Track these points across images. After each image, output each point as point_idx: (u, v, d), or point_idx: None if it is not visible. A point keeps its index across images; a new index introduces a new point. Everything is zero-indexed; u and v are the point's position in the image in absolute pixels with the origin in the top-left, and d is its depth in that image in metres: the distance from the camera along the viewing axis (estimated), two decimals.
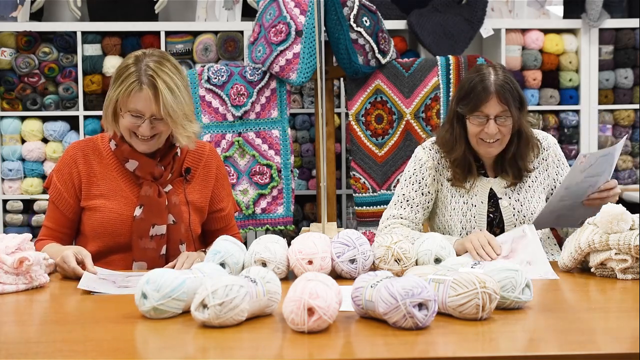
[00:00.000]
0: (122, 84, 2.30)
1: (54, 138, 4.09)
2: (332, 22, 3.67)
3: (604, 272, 2.14)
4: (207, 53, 4.12)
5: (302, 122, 4.21)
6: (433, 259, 2.16)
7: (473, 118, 2.47)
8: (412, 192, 2.61)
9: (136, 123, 2.30)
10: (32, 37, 4.07)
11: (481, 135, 2.48)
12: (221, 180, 2.51)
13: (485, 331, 1.64)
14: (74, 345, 1.60)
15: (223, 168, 2.54)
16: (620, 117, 4.37)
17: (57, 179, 2.39)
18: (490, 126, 2.45)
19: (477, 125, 2.47)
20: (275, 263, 2.11)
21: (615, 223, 2.09)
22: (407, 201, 2.61)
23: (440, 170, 2.60)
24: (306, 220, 4.21)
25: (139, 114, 2.29)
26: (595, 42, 4.31)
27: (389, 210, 2.64)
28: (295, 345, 1.56)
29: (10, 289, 2.00)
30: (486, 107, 2.45)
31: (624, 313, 1.81)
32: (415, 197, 2.60)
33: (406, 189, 2.62)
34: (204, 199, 2.45)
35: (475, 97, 2.45)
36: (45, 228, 2.41)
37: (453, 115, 2.55)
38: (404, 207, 2.61)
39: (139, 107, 2.28)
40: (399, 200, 2.63)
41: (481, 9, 4.18)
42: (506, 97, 2.44)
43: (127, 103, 2.29)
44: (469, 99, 2.47)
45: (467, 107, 2.48)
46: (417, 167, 2.62)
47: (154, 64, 2.30)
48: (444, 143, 2.58)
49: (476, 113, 2.46)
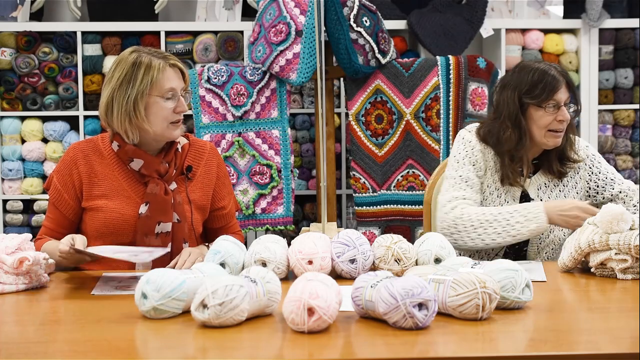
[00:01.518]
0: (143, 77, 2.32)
1: (54, 138, 4.09)
2: (332, 22, 3.67)
3: (604, 272, 2.14)
4: (207, 53, 4.12)
5: (302, 122, 4.21)
6: (433, 259, 2.16)
7: (547, 107, 2.51)
8: (469, 173, 2.56)
9: (172, 105, 2.35)
10: (32, 37, 4.07)
11: (552, 125, 2.52)
12: (222, 178, 2.51)
13: (485, 331, 1.64)
14: (74, 345, 1.60)
15: (224, 166, 2.55)
16: (620, 117, 4.37)
17: (57, 180, 2.39)
18: (564, 112, 2.52)
19: (550, 115, 2.52)
20: (275, 263, 2.11)
21: (616, 223, 2.09)
22: (465, 182, 2.55)
23: (487, 157, 2.59)
24: (306, 220, 4.21)
25: (173, 93, 2.35)
26: (595, 42, 4.31)
27: (448, 192, 2.56)
28: (295, 345, 1.56)
29: (10, 289, 2.01)
30: (558, 94, 2.52)
31: (624, 313, 1.81)
32: (474, 178, 2.56)
33: (462, 170, 2.57)
34: (205, 197, 2.46)
35: (547, 85, 2.51)
36: (45, 228, 2.42)
37: (517, 111, 2.54)
38: (464, 188, 2.55)
39: (174, 84, 2.35)
40: (457, 182, 2.56)
41: (481, 9, 4.18)
42: (571, 85, 2.55)
43: (160, 87, 2.33)
44: (538, 89, 2.52)
45: (538, 97, 2.52)
46: (468, 149, 2.59)
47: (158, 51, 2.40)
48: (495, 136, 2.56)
49: (550, 101, 2.52)
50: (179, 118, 2.36)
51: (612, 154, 4.38)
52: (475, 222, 2.47)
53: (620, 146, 4.37)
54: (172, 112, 2.34)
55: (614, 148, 4.37)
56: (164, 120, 2.34)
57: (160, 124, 2.34)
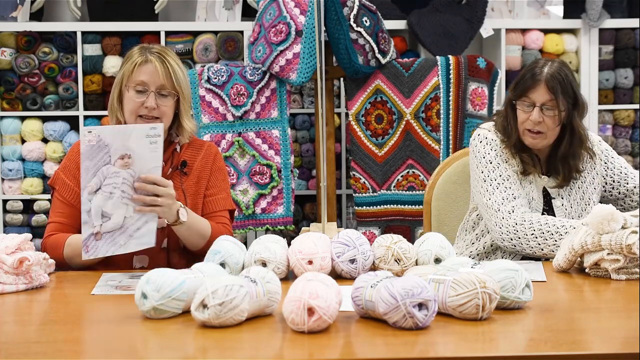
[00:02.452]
0: (127, 62, 2.38)
1: (54, 138, 4.09)
2: (332, 22, 3.67)
3: (598, 272, 2.14)
4: (207, 53, 4.12)
5: (302, 122, 4.21)
6: (433, 259, 2.16)
7: (520, 104, 2.50)
8: (507, 171, 2.52)
9: (141, 99, 2.33)
10: (32, 37, 4.07)
11: (526, 124, 2.50)
12: (216, 172, 2.48)
13: (485, 331, 1.64)
14: (74, 345, 1.60)
15: (221, 162, 2.53)
16: (620, 117, 4.37)
17: (64, 175, 2.39)
18: (534, 113, 2.47)
19: (523, 112, 2.50)
20: (275, 263, 2.11)
21: (606, 223, 2.08)
22: (508, 180, 2.51)
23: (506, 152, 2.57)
24: (306, 220, 4.21)
25: (144, 87, 2.33)
26: (595, 42, 4.31)
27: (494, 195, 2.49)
28: (295, 345, 1.56)
29: (10, 289, 2.00)
30: (533, 93, 2.49)
31: (623, 313, 1.81)
32: (513, 175, 2.52)
33: (499, 170, 2.52)
34: (199, 191, 2.45)
35: (524, 83, 2.50)
36: (54, 224, 2.39)
37: (507, 102, 2.58)
38: (510, 187, 2.50)
39: (144, 78, 2.33)
40: (500, 182, 2.50)
41: (481, 9, 4.18)
42: (554, 87, 2.47)
43: (132, 77, 2.34)
44: (519, 85, 2.53)
45: (516, 92, 2.53)
46: (495, 148, 2.56)
47: (159, 47, 2.41)
48: (502, 129, 2.58)
49: (523, 98, 2.50)
50: (147, 114, 2.34)
51: None
52: (536, 230, 2.42)
53: (620, 146, 4.37)
54: (141, 106, 2.33)
55: (614, 148, 4.37)
56: (132, 113, 2.35)
57: (129, 116, 2.35)
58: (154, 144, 2.14)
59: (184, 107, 2.41)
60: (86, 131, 2.08)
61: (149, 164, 2.15)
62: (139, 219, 2.17)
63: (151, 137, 2.13)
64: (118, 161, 2.11)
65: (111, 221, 2.14)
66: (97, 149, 2.09)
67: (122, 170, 2.12)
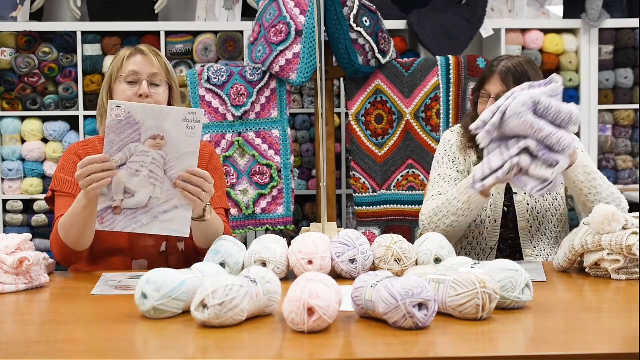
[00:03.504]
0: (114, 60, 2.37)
1: (54, 138, 4.09)
2: (332, 22, 3.67)
3: (598, 272, 2.14)
4: (207, 53, 4.12)
5: (302, 122, 4.21)
6: (433, 259, 2.16)
7: (479, 96, 2.56)
8: (447, 170, 2.60)
9: (133, 89, 2.31)
10: (32, 37, 4.07)
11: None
12: (212, 172, 2.40)
13: (485, 331, 1.64)
14: (74, 345, 1.60)
15: (217, 162, 2.51)
16: (621, 117, 4.37)
17: (63, 174, 2.36)
18: (488, 104, 2.51)
19: (482, 104, 2.55)
20: (275, 263, 2.11)
21: (607, 224, 2.08)
22: (443, 179, 2.59)
23: (469, 152, 2.62)
24: (306, 220, 4.21)
25: (136, 76, 2.31)
26: (595, 42, 4.31)
27: (429, 192, 2.60)
28: (295, 345, 1.56)
29: (10, 289, 2.01)
30: (488, 84, 2.54)
31: (623, 313, 1.81)
32: (452, 174, 2.59)
33: (440, 169, 2.62)
34: None
35: (482, 75, 2.58)
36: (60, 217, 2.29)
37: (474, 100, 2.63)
38: (441, 185, 2.58)
39: (135, 67, 2.32)
40: (435, 181, 2.61)
41: (481, 9, 4.18)
42: (506, 79, 2.51)
43: (122, 69, 2.32)
44: (479, 79, 2.60)
45: (476, 85, 2.60)
46: (447, 148, 2.65)
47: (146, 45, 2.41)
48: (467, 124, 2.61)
49: (481, 91, 2.56)
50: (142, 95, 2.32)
51: (612, 154, 4.38)
52: (435, 208, 2.48)
53: (620, 146, 4.37)
54: (134, 96, 2.31)
55: (614, 148, 4.37)
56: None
57: None
58: (192, 129, 2.07)
59: (176, 100, 2.40)
60: (114, 105, 2.03)
61: (184, 148, 2.08)
62: (167, 202, 2.12)
63: (189, 122, 2.06)
64: (149, 141, 2.06)
65: (135, 198, 2.09)
66: (125, 124, 2.04)
67: (152, 150, 2.07)
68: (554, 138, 2.11)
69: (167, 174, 2.10)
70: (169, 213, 2.12)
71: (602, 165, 4.36)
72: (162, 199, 2.11)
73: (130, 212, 2.10)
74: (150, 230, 2.12)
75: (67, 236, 2.21)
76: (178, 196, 2.11)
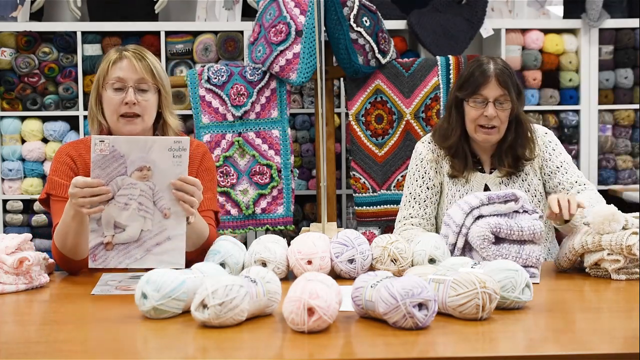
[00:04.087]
0: (102, 63, 2.32)
1: (54, 138, 4.09)
2: (332, 22, 3.67)
3: (598, 272, 2.14)
4: (207, 53, 4.12)
5: (302, 122, 4.21)
6: (427, 259, 2.15)
7: (472, 101, 2.53)
8: (417, 188, 2.65)
9: (119, 96, 2.27)
10: (32, 37, 4.07)
11: (480, 120, 2.54)
12: (203, 172, 2.41)
13: (485, 331, 1.64)
14: (74, 345, 1.60)
15: (209, 162, 2.46)
16: (620, 117, 4.37)
17: (57, 177, 2.32)
18: (489, 109, 2.51)
19: (476, 109, 2.53)
20: (275, 263, 2.11)
21: (607, 224, 2.09)
22: (414, 199, 2.65)
23: (441, 162, 2.65)
24: (306, 220, 4.21)
25: (122, 84, 2.27)
26: (595, 42, 4.31)
27: (401, 211, 2.69)
28: (295, 345, 1.56)
29: (10, 289, 2.00)
30: (485, 89, 2.53)
31: (623, 313, 1.81)
32: (421, 193, 2.64)
33: (411, 187, 2.66)
34: None
35: (475, 80, 2.54)
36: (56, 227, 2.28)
37: (452, 103, 2.62)
38: (412, 206, 2.65)
39: (120, 74, 2.27)
40: (407, 199, 2.67)
41: (481, 9, 4.18)
42: (506, 81, 2.53)
43: (108, 75, 2.28)
44: (468, 84, 2.55)
45: (466, 91, 2.55)
46: (418, 162, 2.67)
47: (135, 46, 2.35)
48: (440, 133, 2.64)
49: (475, 96, 2.54)
50: (128, 111, 2.27)
51: (612, 154, 4.38)
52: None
53: (620, 146, 4.37)
54: (121, 103, 2.27)
55: (614, 148, 4.37)
56: (112, 113, 2.28)
57: (110, 116, 2.29)
58: (178, 158, 2.04)
59: (166, 102, 2.34)
60: (97, 140, 2.00)
61: (172, 177, 2.05)
62: (159, 234, 2.08)
63: (174, 151, 2.04)
64: (136, 172, 2.03)
65: (126, 233, 2.06)
66: (110, 158, 2.02)
67: (139, 182, 2.04)
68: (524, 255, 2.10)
69: (157, 205, 2.06)
70: (162, 245, 2.08)
71: (602, 165, 4.36)
72: (154, 231, 2.07)
73: (122, 247, 2.07)
74: (144, 264, 2.09)
75: (63, 246, 2.19)
76: (170, 227, 2.08)
